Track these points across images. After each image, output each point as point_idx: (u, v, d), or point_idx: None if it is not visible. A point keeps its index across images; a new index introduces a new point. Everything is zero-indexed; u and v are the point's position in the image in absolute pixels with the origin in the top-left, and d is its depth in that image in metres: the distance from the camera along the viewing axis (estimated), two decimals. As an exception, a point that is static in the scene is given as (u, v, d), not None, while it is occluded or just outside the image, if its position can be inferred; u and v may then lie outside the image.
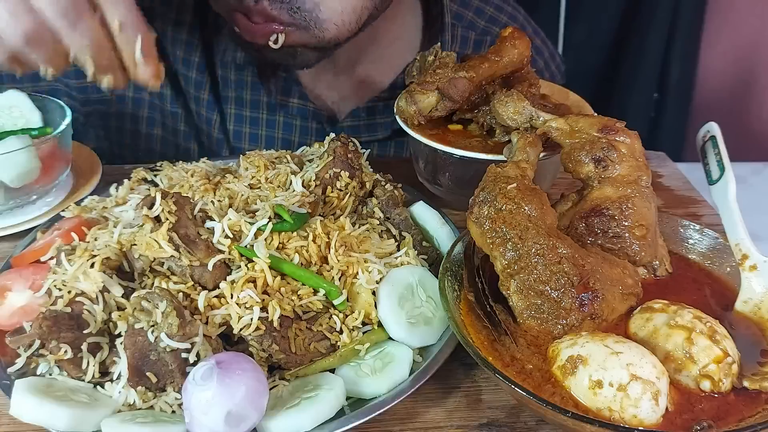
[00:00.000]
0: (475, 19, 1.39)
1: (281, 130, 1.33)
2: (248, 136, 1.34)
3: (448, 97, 1.00)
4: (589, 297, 0.72)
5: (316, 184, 0.94)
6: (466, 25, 1.38)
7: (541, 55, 1.49)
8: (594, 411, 0.64)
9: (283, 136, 1.34)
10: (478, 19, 1.40)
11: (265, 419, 0.67)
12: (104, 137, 1.39)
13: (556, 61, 1.53)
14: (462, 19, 1.37)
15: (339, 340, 0.78)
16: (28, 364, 0.75)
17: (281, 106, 1.30)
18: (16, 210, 1.03)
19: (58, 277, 0.77)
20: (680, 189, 1.24)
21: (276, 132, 1.34)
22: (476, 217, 0.78)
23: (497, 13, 1.42)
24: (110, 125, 1.38)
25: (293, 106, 1.31)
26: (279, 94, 1.30)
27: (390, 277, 0.82)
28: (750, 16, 2.49)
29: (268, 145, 1.34)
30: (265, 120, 1.33)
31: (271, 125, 1.33)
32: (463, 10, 1.38)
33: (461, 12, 1.38)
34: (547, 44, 1.52)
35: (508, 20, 1.42)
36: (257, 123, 1.33)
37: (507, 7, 1.44)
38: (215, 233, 0.80)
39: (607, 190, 0.82)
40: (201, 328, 0.71)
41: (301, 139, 1.33)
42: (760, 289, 0.79)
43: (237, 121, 1.34)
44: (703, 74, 2.62)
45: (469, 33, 1.38)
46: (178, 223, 0.78)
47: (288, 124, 1.33)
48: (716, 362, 0.67)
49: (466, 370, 0.81)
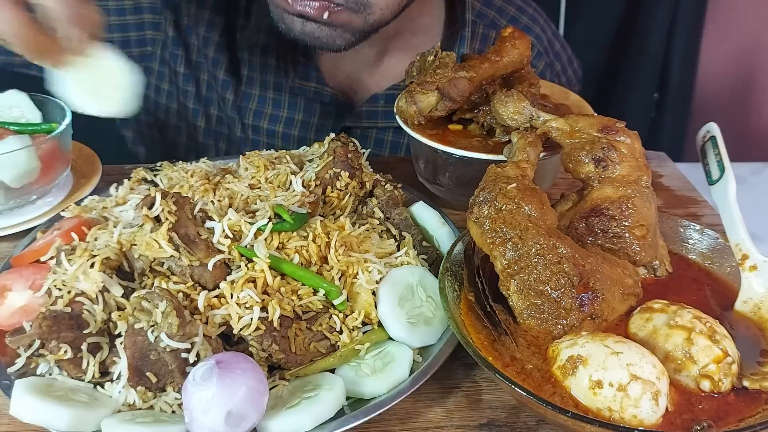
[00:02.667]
0: (497, 18, 1.42)
1: (302, 112, 1.37)
2: (269, 117, 1.37)
3: (448, 97, 1.00)
4: (589, 297, 0.72)
5: (316, 184, 0.94)
6: (488, 24, 1.40)
7: (559, 58, 1.51)
8: (594, 411, 0.64)
9: (303, 118, 1.37)
10: (500, 18, 1.42)
11: (265, 419, 0.67)
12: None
13: (573, 65, 1.56)
14: (484, 18, 1.40)
15: (339, 340, 0.78)
16: (28, 364, 0.75)
17: (300, 89, 1.33)
18: (16, 210, 1.03)
19: (58, 277, 0.77)
20: (680, 189, 1.24)
21: (296, 114, 1.37)
22: (476, 217, 0.78)
23: (519, 13, 1.44)
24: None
25: (311, 90, 1.33)
26: (297, 78, 1.33)
27: (390, 277, 0.82)
28: (750, 16, 2.49)
29: (287, 126, 1.37)
30: (287, 102, 1.36)
31: (292, 107, 1.36)
32: (486, 9, 1.41)
33: (484, 11, 1.40)
34: (566, 48, 1.54)
35: (528, 21, 1.44)
36: (279, 105, 1.36)
37: (528, 9, 1.47)
38: (215, 233, 0.80)
39: (607, 190, 0.82)
40: (201, 328, 0.71)
41: (320, 120, 1.37)
42: (760, 289, 0.79)
43: (260, 102, 1.37)
44: (703, 74, 2.61)
45: (490, 32, 1.40)
46: (178, 223, 0.78)
47: (309, 107, 1.36)
48: (716, 362, 0.67)
49: (466, 370, 0.81)
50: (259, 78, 1.36)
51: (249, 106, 1.37)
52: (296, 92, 1.35)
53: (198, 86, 1.39)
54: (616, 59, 2.65)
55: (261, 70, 1.35)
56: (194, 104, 1.41)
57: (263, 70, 1.35)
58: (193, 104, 1.41)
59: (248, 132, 1.38)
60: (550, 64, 1.48)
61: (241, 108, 1.37)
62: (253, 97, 1.37)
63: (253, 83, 1.36)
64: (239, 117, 1.38)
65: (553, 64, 1.49)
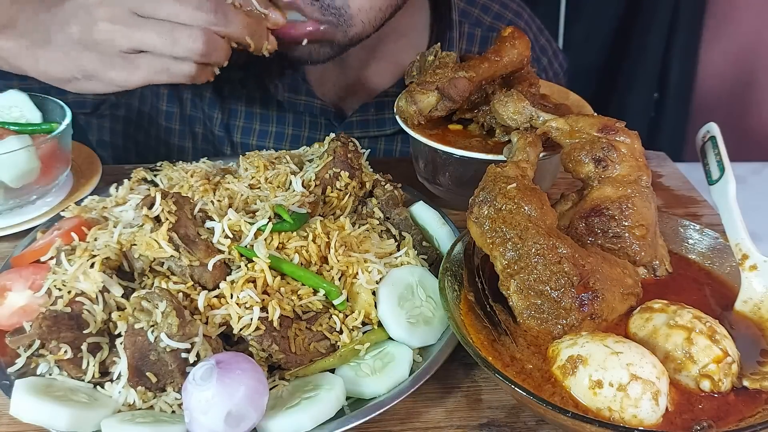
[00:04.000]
0: (481, 16, 1.40)
1: (291, 127, 1.35)
2: (257, 133, 1.35)
3: (448, 97, 1.00)
4: (589, 297, 0.72)
5: (315, 184, 0.94)
6: (473, 23, 1.39)
7: (545, 53, 1.50)
8: (594, 411, 0.64)
9: (293, 132, 1.35)
10: (485, 16, 1.41)
11: (265, 419, 0.67)
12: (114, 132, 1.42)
13: (558, 59, 1.54)
14: (468, 17, 1.39)
15: (339, 340, 0.78)
16: (28, 364, 0.75)
17: (289, 103, 1.32)
18: (16, 210, 1.02)
19: (58, 277, 0.77)
20: (680, 189, 1.24)
21: (286, 128, 1.35)
22: (476, 217, 0.78)
23: (503, 9, 1.43)
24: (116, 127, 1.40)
25: (300, 103, 1.32)
26: (286, 91, 1.31)
27: (390, 277, 0.82)
28: (750, 16, 2.49)
29: (278, 141, 1.36)
30: (275, 117, 1.35)
31: (281, 121, 1.35)
32: (470, 8, 1.40)
33: (468, 9, 1.39)
34: (551, 43, 1.53)
35: (513, 17, 1.43)
36: (267, 120, 1.35)
37: (512, 3, 1.45)
38: (215, 233, 0.80)
39: (607, 190, 0.82)
40: (201, 328, 0.71)
41: (310, 134, 1.35)
42: (760, 288, 0.79)
43: (246, 119, 1.35)
44: (703, 74, 2.62)
45: (475, 30, 1.39)
46: (177, 223, 0.78)
47: (298, 120, 1.34)
48: (716, 362, 0.67)
49: (466, 370, 0.81)
50: (245, 94, 1.34)
51: (236, 123, 1.35)
52: (285, 107, 1.33)
53: (182, 106, 1.37)
54: (616, 59, 2.65)
55: (245, 85, 1.33)
56: (180, 125, 1.39)
57: (248, 86, 1.33)
58: (178, 125, 1.39)
59: (237, 150, 1.35)
60: (537, 59, 1.46)
61: (229, 125, 1.35)
62: (239, 113, 1.35)
63: (240, 100, 1.34)
64: (227, 135, 1.36)
65: (540, 59, 1.48)
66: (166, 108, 1.37)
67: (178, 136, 1.40)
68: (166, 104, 1.37)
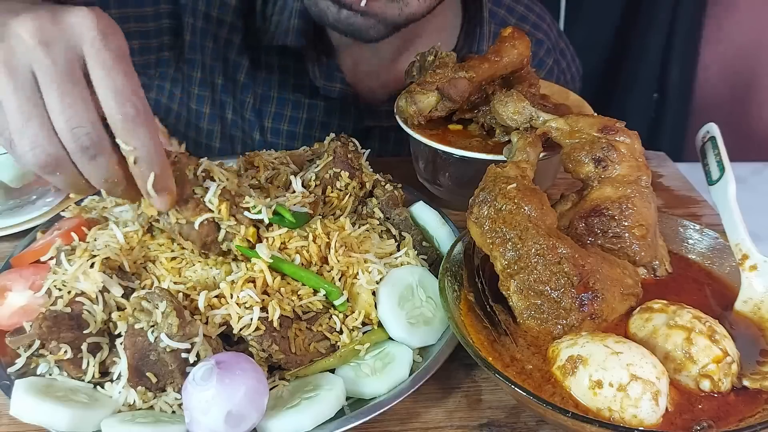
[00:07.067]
0: (507, 17, 1.43)
1: (322, 114, 1.37)
2: (288, 119, 1.37)
3: (448, 97, 1.00)
4: (589, 297, 0.72)
5: (316, 184, 0.94)
6: (499, 23, 1.41)
7: (564, 56, 1.53)
8: (594, 411, 0.64)
9: (323, 119, 1.37)
10: (510, 16, 1.44)
11: (265, 419, 0.67)
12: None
13: (575, 63, 1.58)
14: (495, 17, 1.41)
15: (339, 341, 0.78)
16: (28, 364, 0.75)
17: (325, 89, 1.33)
18: (16, 210, 1.03)
19: (58, 277, 0.77)
20: (680, 189, 1.24)
21: (317, 116, 1.37)
22: (476, 217, 0.78)
23: (527, 12, 1.46)
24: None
25: (336, 90, 1.33)
26: (323, 79, 1.33)
27: (390, 277, 0.82)
28: (750, 16, 2.49)
29: (308, 128, 1.37)
30: (307, 104, 1.36)
31: (313, 108, 1.36)
32: (497, 9, 1.42)
33: (495, 10, 1.42)
34: (569, 47, 1.56)
35: (536, 19, 1.46)
36: (299, 107, 1.37)
37: (535, 7, 1.48)
38: (209, 192, 0.78)
39: (607, 190, 0.82)
40: (201, 328, 0.71)
41: (341, 122, 1.37)
42: (760, 288, 0.79)
43: (279, 105, 1.36)
44: (703, 74, 2.62)
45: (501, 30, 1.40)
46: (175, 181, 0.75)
47: (329, 108, 1.36)
48: (716, 362, 0.67)
49: (466, 370, 0.81)
50: (278, 80, 1.35)
51: (269, 109, 1.37)
52: (317, 93, 1.34)
53: (213, 90, 1.39)
54: (616, 59, 2.65)
55: (280, 71, 1.35)
56: (210, 109, 1.40)
57: (282, 71, 1.35)
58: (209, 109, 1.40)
59: (267, 135, 1.38)
60: (557, 61, 1.49)
61: (261, 111, 1.37)
62: (271, 99, 1.37)
63: (273, 85, 1.36)
64: (258, 119, 1.38)
65: (560, 62, 1.51)
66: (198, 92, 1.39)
67: (207, 120, 1.42)
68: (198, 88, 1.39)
